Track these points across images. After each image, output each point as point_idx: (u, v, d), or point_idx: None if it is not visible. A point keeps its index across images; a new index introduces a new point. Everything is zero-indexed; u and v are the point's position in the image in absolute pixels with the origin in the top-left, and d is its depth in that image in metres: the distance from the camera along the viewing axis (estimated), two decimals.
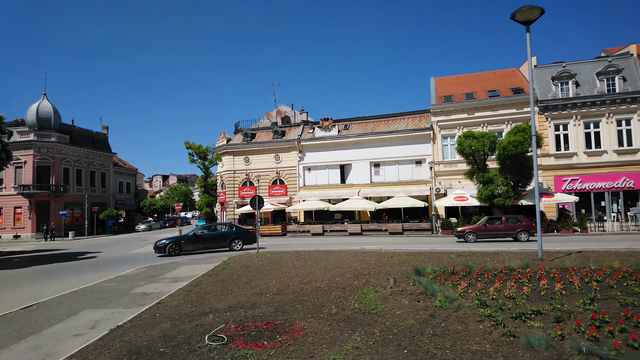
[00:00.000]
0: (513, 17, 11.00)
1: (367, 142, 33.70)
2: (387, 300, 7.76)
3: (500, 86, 32.22)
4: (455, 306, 6.85)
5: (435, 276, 9.29)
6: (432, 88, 34.58)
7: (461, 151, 26.35)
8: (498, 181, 25.14)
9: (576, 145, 28.71)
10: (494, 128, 30.12)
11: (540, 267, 9.32)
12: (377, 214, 32.29)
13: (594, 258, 10.95)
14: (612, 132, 28.13)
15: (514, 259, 11.40)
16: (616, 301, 6.46)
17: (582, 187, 28.14)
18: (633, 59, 29.54)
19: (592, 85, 29.25)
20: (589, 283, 7.74)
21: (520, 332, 5.36)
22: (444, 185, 31.03)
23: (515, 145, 23.53)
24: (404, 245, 20.00)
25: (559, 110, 29.01)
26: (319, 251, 16.94)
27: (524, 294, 7.17)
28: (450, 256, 13.47)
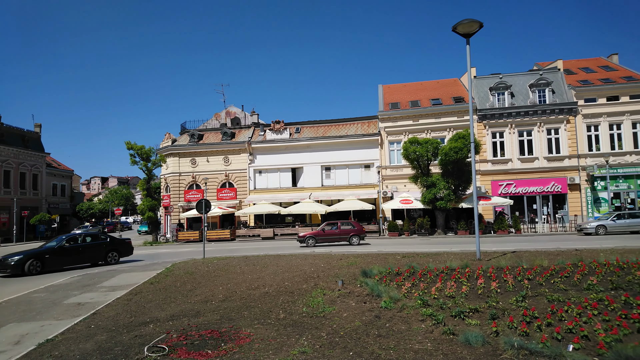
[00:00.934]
0: (454, 30, 11.60)
1: (319, 145, 33.96)
2: (335, 302, 7.81)
3: (443, 95, 33.85)
4: (400, 306, 7.04)
5: (381, 277, 9.52)
6: (380, 95, 35.60)
7: (407, 156, 27.40)
8: (440, 185, 26.37)
9: (511, 152, 30.83)
10: (437, 135, 31.55)
11: (478, 267, 9.85)
12: (328, 217, 32.59)
13: (526, 257, 11.76)
14: (543, 140, 30.53)
15: (455, 260, 11.96)
16: (544, 297, 6.97)
17: (516, 191, 30.23)
18: (560, 74, 32.31)
19: (525, 96, 31.59)
20: (521, 281, 8.28)
21: (459, 330, 5.61)
22: (390, 188, 31.99)
23: (456, 151, 24.82)
24: (353, 248, 20.33)
25: (495, 119, 31.02)
26: (269, 256, 16.76)
27: (463, 293, 7.54)
28: (395, 257, 13.88)
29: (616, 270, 8.90)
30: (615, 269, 9.03)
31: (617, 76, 31.57)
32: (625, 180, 29.64)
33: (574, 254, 12.23)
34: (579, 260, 10.06)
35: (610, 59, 35.46)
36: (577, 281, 8.07)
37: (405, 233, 28.61)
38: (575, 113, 30.18)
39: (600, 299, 6.57)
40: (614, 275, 8.41)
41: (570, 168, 29.96)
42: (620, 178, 29.58)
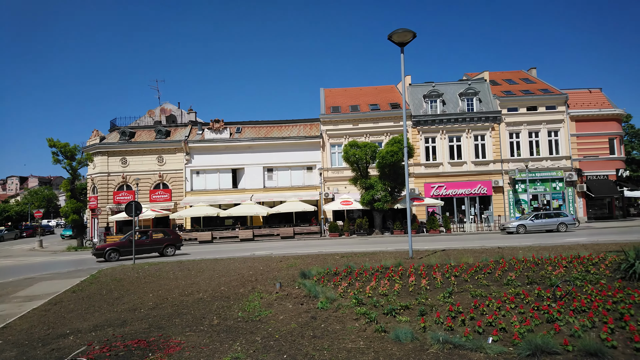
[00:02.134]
0: (390, 38, 12.05)
1: (261, 146, 33.56)
2: (272, 305, 7.73)
3: (381, 101, 35.05)
4: (335, 306, 7.14)
5: (319, 278, 9.59)
6: (322, 98, 36.04)
7: (347, 159, 28.03)
8: (378, 187, 27.29)
9: (442, 156, 32.69)
10: (375, 139, 32.58)
11: (410, 265, 10.28)
12: (270, 219, 32.31)
13: (454, 255, 12.49)
14: (471, 145, 32.73)
15: (389, 258, 12.39)
16: (469, 293, 7.43)
17: (447, 193, 32.09)
18: (486, 84, 34.87)
19: (455, 104, 33.67)
20: (449, 278, 8.77)
21: (391, 327, 5.80)
22: (332, 190, 32.48)
23: (392, 154, 25.84)
24: (294, 249, 20.31)
25: (428, 125, 32.73)
26: (206, 260, 16.21)
27: (395, 290, 7.82)
28: (335, 257, 14.08)
29: (532, 266, 9.76)
30: (531, 265, 9.90)
31: (535, 88, 34.75)
32: (542, 184, 32.68)
33: (496, 252, 13.21)
34: (500, 258, 10.87)
35: (530, 72, 38.93)
36: (498, 277, 8.72)
37: (345, 233, 29.19)
38: (499, 121, 32.73)
39: (517, 293, 7.14)
40: (530, 271, 9.20)
41: (495, 172, 32.43)
42: (538, 181, 32.57)
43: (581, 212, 32.48)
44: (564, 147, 32.79)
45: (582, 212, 32.54)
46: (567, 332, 5.18)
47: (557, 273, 8.67)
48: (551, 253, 11.90)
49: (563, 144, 32.84)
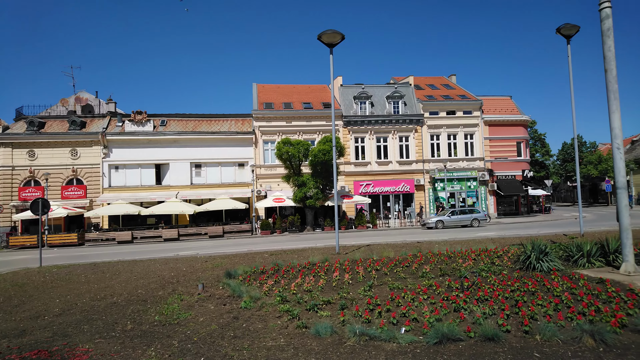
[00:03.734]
0: (319, 39, 12.23)
1: (188, 141, 32.16)
2: (193, 307, 7.48)
3: (313, 99, 35.43)
4: (259, 305, 7.11)
5: (245, 277, 9.47)
6: (254, 94, 35.51)
7: (280, 156, 27.98)
8: (310, 184, 27.61)
9: (370, 155, 33.93)
10: (308, 137, 32.87)
11: (336, 261, 10.57)
12: (198, 218, 31.12)
13: (377, 250, 13.07)
14: (396, 146, 34.36)
15: (318, 255, 12.62)
16: (387, 286, 7.81)
17: (374, 191, 33.40)
18: (411, 88, 36.81)
19: (383, 106, 35.11)
20: (370, 272, 9.15)
21: (312, 323, 5.91)
22: (264, 187, 32.18)
23: (324, 153, 26.28)
24: (222, 248, 19.81)
25: (358, 125, 33.79)
26: (123, 261, 15.22)
27: (319, 286, 7.98)
28: (263, 256, 14.00)
29: (445, 259, 10.52)
30: (444, 258, 10.66)
31: (454, 94, 37.41)
32: (458, 182, 35.31)
33: (415, 246, 14.04)
34: (418, 251, 11.57)
35: (450, 78, 41.82)
36: (415, 270, 9.28)
37: (277, 231, 29.11)
38: (422, 124, 34.76)
39: (430, 284, 7.66)
40: (443, 264, 9.91)
41: (417, 171, 34.41)
42: (455, 180, 35.14)
43: (492, 208, 35.68)
44: (478, 149, 35.74)
45: (493, 208, 35.76)
46: (471, 319, 5.67)
47: (467, 265, 9.44)
48: (463, 246, 12.92)
49: (477, 146, 35.78)
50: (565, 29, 15.29)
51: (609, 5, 8.40)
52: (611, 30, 8.39)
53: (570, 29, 15.28)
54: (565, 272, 8.28)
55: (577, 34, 15.60)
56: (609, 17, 8.40)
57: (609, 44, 8.37)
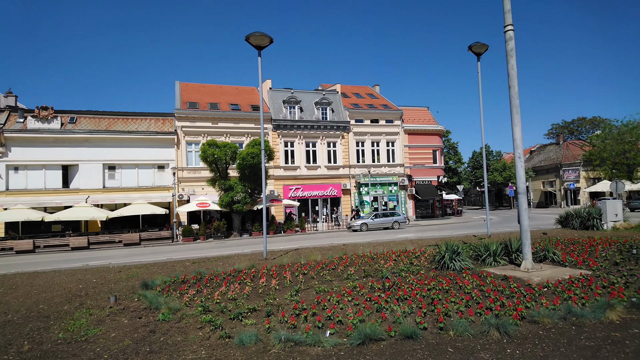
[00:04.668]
0: (247, 40, 12.03)
1: (101, 140, 29.60)
2: (103, 322, 6.84)
3: (242, 101, 34.78)
4: (179, 316, 6.71)
5: (164, 287, 8.90)
6: (177, 92, 33.89)
7: (205, 159, 26.92)
8: (238, 188, 26.95)
9: (300, 160, 34.17)
10: (236, 139, 32.13)
11: (263, 267, 10.38)
12: (112, 224, 28.72)
13: (305, 254, 13.11)
14: (325, 151, 35.02)
15: (244, 261, 12.30)
16: (314, 290, 7.85)
17: (303, 195, 33.65)
18: (338, 96, 37.82)
19: (312, 112, 35.59)
20: (297, 276, 9.13)
21: (236, 332, 5.71)
22: (187, 191, 30.73)
23: (252, 156, 25.84)
24: (139, 257, 18.47)
25: (288, 130, 33.85)
26: (22, 273, 13.49)
27: (245, 294, 7.77)
28: (185, 264, 13.30)
29: (369, 261, 10.87)
30: (368, 260, 11.02)
31: (378, 103, 39.18)
32: (381, 187, 36.93)
33: (341, 248, 14.36)
34: (344, 254, 11.85)
35: (374, 88, 43.72)
36: (341, 272, 9.46)
37: (200, 237, 27.91)
38: (348, 130, 35.86)
39: (354, 286, 7.85)
40: (367, 265, 10.23)
41: (344, 176, 35.39)
42: (378, 185, 36.71)
43: (411, 211, 37.87)
44: (398, 156, 37.77)
45: (412, 211, 37.98)
46: (392, 319, 5.90)
47: (388, 266, 9.85)
48: (385, 248, 13.49)
49: (398, 153, 37.81)
50: (476, 47, 16.78)
51: (512, 28, 9.37)
52: (514, 51, 9.35)
53: (480, 47, 16.81)
54: (475, 270, 9.00)
55: (487, 51, 17.21)
56: (512, 39, 9.37)
57: (512, 63, 9.33)
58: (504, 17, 9.37)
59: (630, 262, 9.06)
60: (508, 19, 9.32)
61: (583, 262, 9.19)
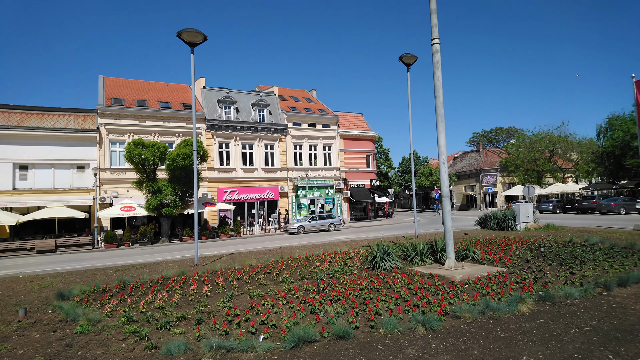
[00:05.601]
0: (179, 36, 11.54)
1: (10, 137, 26.56)
2: (10, 338, 6.12)
3: (173, 99, 33.25)
4: (100, 328, 6.22)
5: (82, 298, 8.20)
6: (101, 87, 31.54)
7: (130, 159, 25.28)
8: (167, 191, 25.64)
9: (236, 162, 33.43)
10: (165, 139, 30.61)
11: (194, 273, 9.99)
12: (23, 230, 25.84)
13: (240, 258, 12.84)
14: (262, 153, 34.63)
15: (173, 268, 11.74)
16: (248, 295, 7.70)
17: (239, 198, 32.94)
18: (276, 98, 37.67)
19: (248, 113, 35.05)
20: (231, 282, 8.90)
21: (163, 342, 5.41)
22: (110, 194, 28.63)
23: (184, 157, 24.75)
24: (55, 265, 16.82)
25: (223, 130, 32.98)
26: None
27: (174, 302, 7.40)
28: (107, 272, 12.38)
29: (304, 263, 10.94)
30: (304, 262, 11.08)
31: (315, 108, 39.64)
32: (318, 190, 37.37)
33: (277, 252, 14.28)
34: (280, 257, 11.79)
35: (311, 92, 44.19)
36: (276, 275, 9.40)
37: (125, 243, 26.09)
38: (286, 133, 35.84)
39: (289, 289, 7.83)
40: (302, 267, 10.28)
41: (281, 179, 35.27)
42: (315, 188, 37.10)
43: (346, 214, 38.77)
44: (335, 159, 38.52)
45: (347, 214, 38.89)
46: (325, 320, 5.97)
47: (323, 267, 9.99)
48: (321, 250, 13.67)
49: (334, 157, 38.56)
50: (406, 58, 17.67)
51: (438, 42, 10.00)
52: (440, 63, 9.99)
53: (410, 58, 17.72)
54: (404, 269, 9.44)
55: (418, 62, 18.18)
56: (438, 52, 10.00)
57: (438, 75, 9.95)
58: (431, 31, 9.98)
59: (539, 259, 10.08)
60: (435, 32, 9.94)
61: (499, 260, 10.03)
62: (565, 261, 9.60)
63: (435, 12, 9.90)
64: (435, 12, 9.89)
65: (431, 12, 9.93)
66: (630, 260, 9.40)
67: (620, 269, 8.51)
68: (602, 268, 8.72)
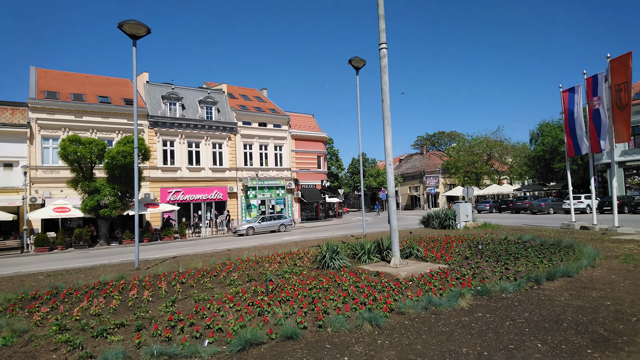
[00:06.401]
0: (121, 28, 10.92)
1: None
2: None
3: (113, 94, 31.42)
4: (27, 339, 5.70)
5: (7, 306, 7.49)
6: (33, 79, 29.10)
7: (65, 156, 23.49)
8: (105, 191, 24.18)
9: (181, 161, 32.22)
10: (104, 135, 28.85)
11: (134, 277, 9.48)
12: None
13: (184, 262, 12.37)
14: (209, 152, 33.66)
15: (111, 272, 11.08)
16: (192, 299, 7.44)
17: (184, 198, 31.78)
18: (225, 96, 36.82)
19: (195, 110, 33.93)
20: (174, 286, 8.55)
21: (99, 351, 5.08)
22: (42, 194, 26.45)
23: (124, 155, 23.44)
24: None
25: (167, 128, 31.65)
26: None
27: (111, 308, 6.97)
28: (37, 278, 11.42)
29: (253, 265, 10.77)
30: (252, 264, 10.90)
31: (266, 107, 39.25)
32: (269, 190, 37.02)
33: (225, 254, 13.93)
34: (227, 259, 11.50)
35: (262, 92, 43.72)
36: (223, 278, 9.16)
37: (58, 247, 24.21)
38: (235, 132, 35.14)
39: (237, 292, 7.67)
40: (251, 269, 10.11)
41: (230, 179, 34.52)
42: (266, 189, 36.72)
43: (297, 214, 38.75)
44: (286, 160, 38.38)
45: (298, 214, 38.89)
46: (274, 321, 5.90)
47: (272, 268, 9.89)
48: (270, 251, 13.54)
49: (285, 157, 38.41)
50: (355, 62, 18.01)
51: (385, 47, 10.28)
52: (387, 67, 10.27)
53: (359, 62, 18.09)
54: (352, 268, 9.59)
55: (368, 65, 18.57)
56: (385, 57, 10.28)
57: (385, 79, 10.23)
58: (379, 36, 10.24)
59: (477, 256, 10.67)
60: (382, 37, 10.21)
61: (441, 257, 10.50)
62: (501, 258, 10.25)
63: (383, 17, 10.17)
64: (383, 17, 10.15)
65: (379, 18, 10.18)
66: (558, 255, 10.22)
67: (549, 264, 9.23)
68: (534, 264, 9.40)
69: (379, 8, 10.25)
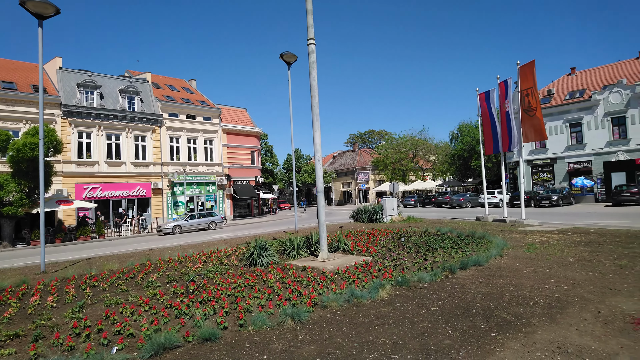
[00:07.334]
0: (23, 5, 9.71)
1: None
2: None
3: (19, 79, 28.12)
4: None
5: None
6: None
7: None
8: (10, 187, 21.61)
9: (99, 154, 29.75)
10: (9, 125, 25.71)
11: (38, 282, 8.56)
12: None
13: (99, 263, 11.44)
14: (131, 146, 31.48)
15: (12, 277, 9.90)
16: (103, 303, 6.87)
17: (102, 195, 29.43)
18: (149, 85, 34.66)
19: (115, 100, 31.52)
20: (84, 290, 7.85)
21: None
22: None
23: (32, 147, 21.06)
24: None
25: (83, 118, 29.03)
26: None
27: (6, 317, 6.21)
28: None
29: (175, 265, 10.24)
30: (175, 264, 10.37)
31: (194, 99, 37.62)
32: (198, 186, 35.59)
33: (145, 254, 13.11)
34: (147, 260, 10.82)
35: (190, 82, 41.82)
36: (140, 280, 8.60)
37: None
38: (160, 124, 33.23)
39: (154, 294, 7.23)
40: (172, 270, 9.60)
41: (155, 174, 32.60)
42: (195, 184, 35.26)
43: (229, 211, 37.77)
44: (217, 155, 37.17)
45: (230, 211, 37.92)
46: (191, 324, 5.64)
47: (196, 268, 9.49)
48: (196, 250, 13.00)
49: (216, 152, 37.19)
50: (287, 57, 17.90)
51: (313, 42, 10.31)
52: (315, 63, 10.31)
53: (290, 57, 18.00)
54: (280, 264, 9.53)
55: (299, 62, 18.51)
56: (313, 52, 10.31)
57: (314, 75, 10.26)
58: (307, 31, 10.24)
59: (399, 248, 11.16)
60: (310, 33, 10.22)
61: (366, 250, 10.84)
62: (421, 249, 10.83)
63: (312, 12, 10.17)
64: (311, 12, 10.16)
65: (307, 13, 10.17)
66: (471, 246, 11.04)
67: (463, 254, 9.93)
68: (449, 254, 10.06)
69: (307, 3, 10.24)
